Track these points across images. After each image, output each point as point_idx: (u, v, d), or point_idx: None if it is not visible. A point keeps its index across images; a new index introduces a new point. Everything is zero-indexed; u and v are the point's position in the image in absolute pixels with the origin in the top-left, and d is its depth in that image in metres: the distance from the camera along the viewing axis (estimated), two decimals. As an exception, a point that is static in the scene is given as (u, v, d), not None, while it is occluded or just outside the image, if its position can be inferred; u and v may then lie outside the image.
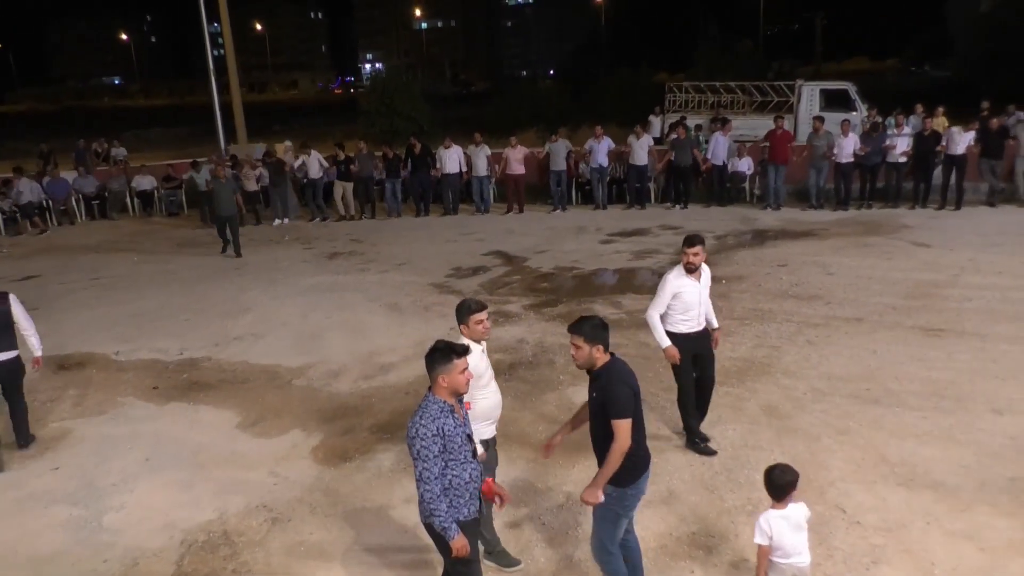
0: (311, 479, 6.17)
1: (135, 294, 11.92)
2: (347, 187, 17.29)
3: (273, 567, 5.07)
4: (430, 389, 3.85)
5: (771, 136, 15.90)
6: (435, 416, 3.74)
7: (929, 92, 25.95)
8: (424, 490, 3.72)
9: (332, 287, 11.73)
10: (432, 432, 3.69)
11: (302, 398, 7.77)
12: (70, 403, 7.91)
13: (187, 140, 35.31)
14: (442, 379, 3.79)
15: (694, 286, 5.97)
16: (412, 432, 3.73)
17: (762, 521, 4.05)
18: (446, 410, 3.78)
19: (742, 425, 6.59)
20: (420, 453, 3.70)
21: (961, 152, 14.45)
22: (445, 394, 3.81)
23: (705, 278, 6.08)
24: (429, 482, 3.70)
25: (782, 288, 10.36)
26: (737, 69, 29.64)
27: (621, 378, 4.18)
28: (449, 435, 3.74)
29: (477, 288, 11.23)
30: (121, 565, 5.17)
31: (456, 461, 3.78)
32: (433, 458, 3.69)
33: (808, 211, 15.12)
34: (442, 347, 3.83)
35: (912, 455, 5.95)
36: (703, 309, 6.08)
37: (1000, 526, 5.01)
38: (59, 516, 5.81)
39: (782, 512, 4.04)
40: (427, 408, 3.77)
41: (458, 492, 3.81)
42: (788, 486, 4.02)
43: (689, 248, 5.92)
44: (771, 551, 4.03)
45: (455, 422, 3.79)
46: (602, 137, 16.35)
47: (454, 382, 3.80)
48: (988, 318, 8.75)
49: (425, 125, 29.30)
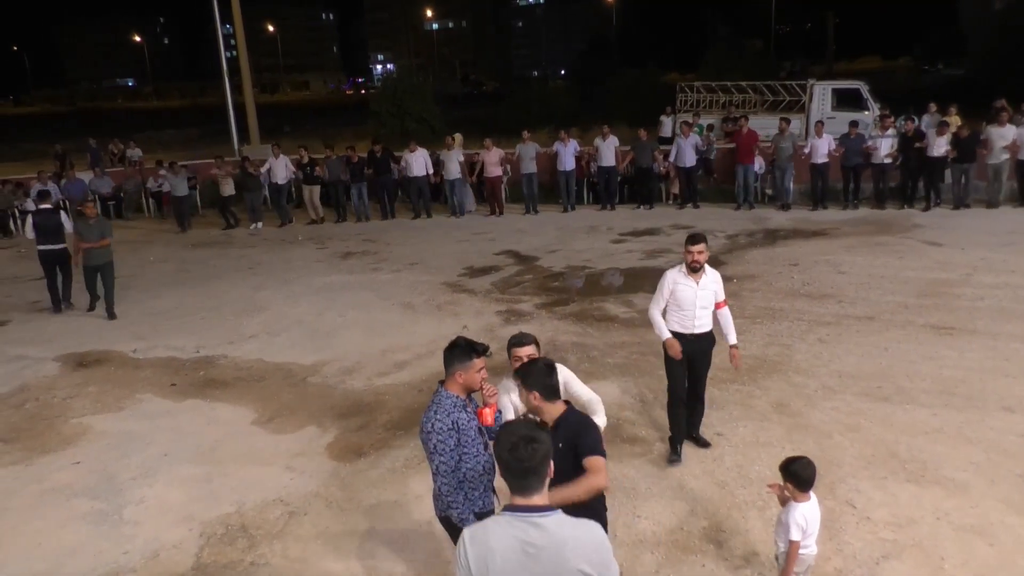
0: (326, 474, 6.25)
1: (151, 293, 12.07)
2: (314, 190, 17.28)
3: (290, 559, 5.16)
4: (442, 383, 3.88)
5: (737, 136, 15.93)
6: (449, 410, 3.77)
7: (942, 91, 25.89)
8: (442, 483, 3.76)
9: (345, 286, 11.84)
10: (447, 426, 3.72)
11: (317, 395, 7.86)
12: (90, 400, 8.03)
13: (200, 141, 35.57)
14: (459, 375, 3.82)
15: (690, 286, 5.80)
16: (428, 427, 3.76)
17: (798, 517, 4.07)
18: (459, 404, 3.81)
19: (753, 422, 6.63)
20: (437, 447, 3.73)
21: (939, 154, 14.34)
22: (459, 389, 3.84)
23: (708, 281, 5.86)
24: (447, 475, 3.74)
25: (793, 287, 10.38)
26: (747, 69, 29.61)
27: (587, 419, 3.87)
28: (463, 428, 3.77)
29: (489, 287, 11.31)
30: (142, 556, 5.27)
31: (470, 454, 3.82)
32: (450, 451, 3.73)
33: (818, 211, 15.11)
34: (463, 344, 3.84)
35: (922, 452, 5.98)
36: (699, 312, 5.84)
37: (1010, 522, 5.04)
38: (80, 509, 5.91)
39: (808, 504, 4.10)
40: (441, 403, 3.80)
41: (473, 484, 3.85)
42: (813, 478, 4.09)
43: (692, 246, 5.75)
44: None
45: (468, 415, 3.82)
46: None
47: (470, 379, 3.83)
48: (999, 317, 8.76)
49: (436, 126, 29.41)
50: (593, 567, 2.52)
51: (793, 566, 4.13)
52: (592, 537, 2.58)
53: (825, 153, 15.05)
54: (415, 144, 17.28)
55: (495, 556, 2.51)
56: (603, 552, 2.58)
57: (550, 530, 2.51)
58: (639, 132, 16.67)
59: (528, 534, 2.51)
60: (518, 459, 2.56)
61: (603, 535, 2.65)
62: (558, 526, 2.54)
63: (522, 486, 2.57)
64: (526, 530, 2.51)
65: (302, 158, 17.27)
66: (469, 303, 10.59)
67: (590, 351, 8.42)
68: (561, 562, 2.48)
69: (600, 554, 2.56)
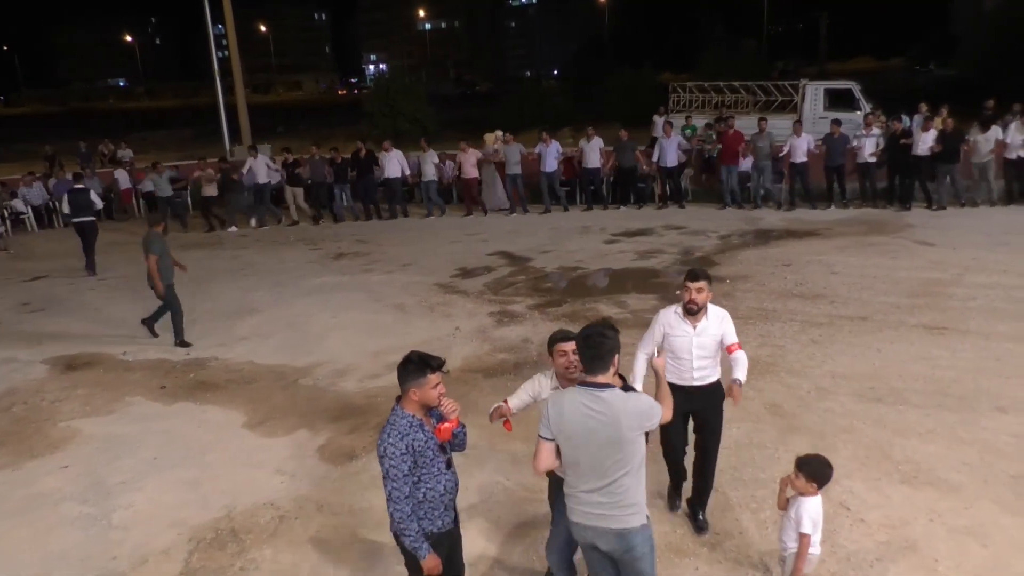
0: (318, 477, 6.21)
1: (141, 295, 11.90)
2: (297, 192, 17.18)
3: (281, 564, 5.12)
4: (398, 401, 3.70)
5: (723, 137, 15.91)
6: (404, 432, 3.59)
7: (935, 91, 25.95)
8: (394, 510, 3.60)
9: (338, 287, 11.79)
10: (402, 450, 3.56)
11: (308, 397, 7.82)
12: (79, 402, 7.96)
13: (192, 142, 35.44)
14: (413, 392, 3.62)
15: (686, 334, 4.81)
16: (381, 450, 3.59)
17: (812, 509, 4.04)
18: (415, 424, 3.63)
19: (746, 423, 6.61)
20: (389, 472, 3.57)
21: (924, 152, 14.27)
22: (414, 408, 3.66)
23: (708, 326, 4.82)
24: (399, 502, 3.58)
25: (786, 287, 10.38)
26: (741, 69, 29.65)
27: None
28: (420, 450, 3.61)
29: (482, 288, 11.27)
30: (130, 562, 5.22)
31: (430, 474, 3.68)
32: (403, 477, 3.57)
33: (816, 210, 15.08)
34: (416, 359, 3.64)
35: (916, 453, 5.97)
36: (699, 363, 4.85)
37: (1004, 523, 5.03)
38: (69, 514, 5.86)
39: (817, 500, 4.07)
40: (396, 424, 3.62)
41: (433, 504, 3.71)
42: (830, 476, 4.08)
43: (692, 283, 4.73)
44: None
45: (425, 435, 3.65)
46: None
47: (425, 396, 3.63)
48: (992, 316, 8.76)
49: (429, 126, 29.37)
50: (640, 429, 3.45)
51: (804, 561, 4.09)
52: (639, 406, 3.48)
53: (804, 152, 15.01)
54: (389, 144, 17.25)
55: (565, 414, 3.48)
56: (646, 417, 3.46)
57: (608, 401, 3.42)
58: (620, 132, 16.61)
59: (590, 402, 3.44)
60: (589, 346, 3.50)
61: (650, 403, 3.54)
62: (613, 399, 3.43)
63: (591, 367, 3.50)
64: (589, 399, 3.44)
65: (286, 160, 17.13)
66: (462, 304, 10.55)
67: (583, 352, 8.37)
68: (615, 425, 3.39)
69: (643, 419, 3.45)
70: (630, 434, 3.43)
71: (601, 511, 3.53)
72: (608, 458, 3.44)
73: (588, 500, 3.55)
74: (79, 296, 12.11)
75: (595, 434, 3.43)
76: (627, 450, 3.45)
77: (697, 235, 13.81)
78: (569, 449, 3.52)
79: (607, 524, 3.54)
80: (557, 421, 3.49)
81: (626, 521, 3.54)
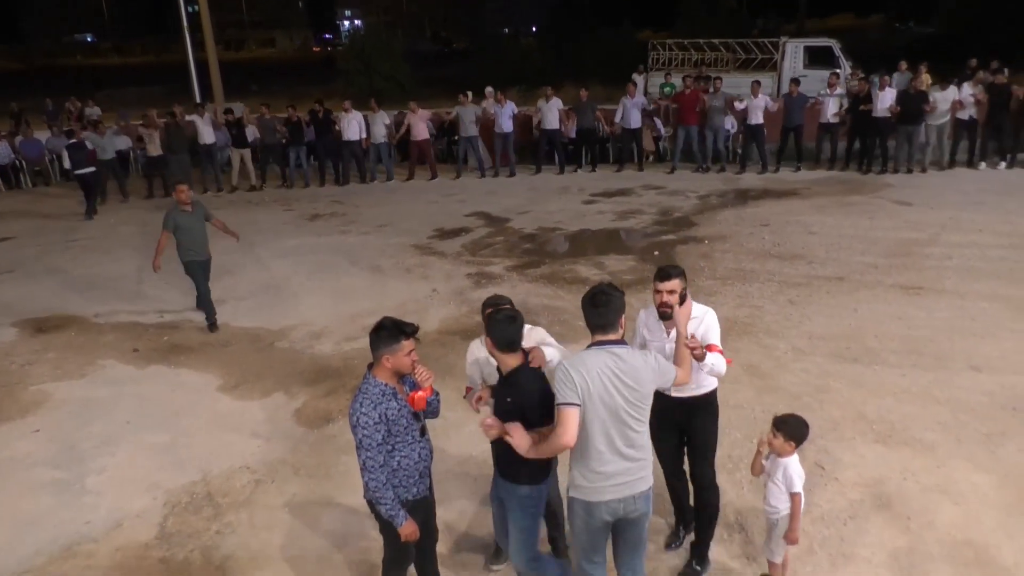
0: (294, 440, 6.17)
1: (112, 256, 11.77)
2: (244, 153, 16.10)
3: (257, 527, 5.09)
4: (370, 368, 3.63)
5: (680, 97, 15.68)
6: (377, 401, 3.54)
7: (913, 48, 25.88)
8: (369, 479, 3.56)
9: (313, 249, 11.63)
10: (375, 420, 3.51)
11: (284, 360, 7.74)
12: (50, 366, 7.83)
13: (163, 99, 34.58)
14: (387, 359, 3.56)
15: (658, 339, 4.20)
16: (353, 420, 3.52)
17: (798, 467, 4.04)
18: (388, 393, 3.58)
19: (724, 384, 6.50)
20: (363, 442, 3.52)
21: (880, 114, 14.02)
22: (387, 376, 3.60)
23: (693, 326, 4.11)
24: (374, 471, 3.55)
25: (764, 248, 10.38)
26: (721, 26, 29.35)
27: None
28: (393, 419, 3.56)
29: (459, 249, 11.17)
30: (104, 526, 5.17)
31: (404, 443, 3.64)
32: (377, 446, 3.52)
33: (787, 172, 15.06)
34: (389, 325, 3.57)
35: (890, 412, 6.02)
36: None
37: (976, 481, 5.10)
38: (41, 479, 5.78)
39: (796, 458, 4.07)
40: (368, 393, 3.55)
41: (407, 472, 3.69)
42: (807, 434, 4.11)
43: (662, 283, 4.05)
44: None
45: (399, 403, 3.60)
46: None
47: (399, 363, 3.56)
48: (967, 276, 8.83)
49: (405, 84, 28.89)
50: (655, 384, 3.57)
51: (799, 519, 4.09)
52: (656, 362, 3.60)
53: (760, 113, 14.80)
54: (349, 104, 16.31)
55: (593, 372, 3.42)
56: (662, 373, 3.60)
57: (625, 357, 3.48)
58: (581, 92, 16.26)
59: (610, 359, 3.45)
60: (595, 305, 3.52)
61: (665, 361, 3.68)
62: (630, 355, 3.52)
63: (601, 326, 3.52)
64: (609, 357, 3.46)
65: (228, 119, 16.10)
66: (439, 266, 10.46)
67: (561, 314, 8.35)
68: (639, 379, 3.48)
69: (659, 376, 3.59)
70: (649, 387, 3.53)
71: (630, 476, 3.54)
72: (631, 414, 3.48)
73: (617, 469, 3.51)
74: (48, 258, 11.85)
75: (620, 391, 3.44)
76: (646, 404, 3.54)
77: (676, 195, 13.75)
78: (595, 410, 3.43)
79: (640, 488, 3.58)
80: (584, 383, 3.41)
81: (649, 479, 3.64)
